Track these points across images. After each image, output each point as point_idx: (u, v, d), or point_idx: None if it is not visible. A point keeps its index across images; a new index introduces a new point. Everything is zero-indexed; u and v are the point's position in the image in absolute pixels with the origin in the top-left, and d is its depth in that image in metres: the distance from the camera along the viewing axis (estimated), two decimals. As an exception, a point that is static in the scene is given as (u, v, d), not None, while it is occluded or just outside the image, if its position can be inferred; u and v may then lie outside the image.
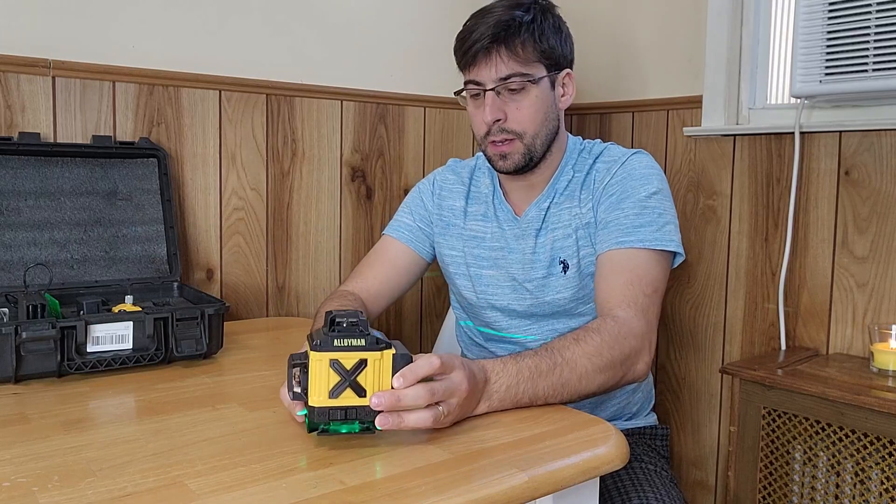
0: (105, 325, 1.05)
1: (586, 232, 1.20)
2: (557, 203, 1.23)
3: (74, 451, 0.76)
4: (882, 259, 1.46)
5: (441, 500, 0.67)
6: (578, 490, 0.82)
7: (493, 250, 1.28)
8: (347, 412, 0.75)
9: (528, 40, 1.15)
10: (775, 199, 1.62)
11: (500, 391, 0.88)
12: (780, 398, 1.35)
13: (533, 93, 1.16)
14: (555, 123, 1.21)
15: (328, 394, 0.75)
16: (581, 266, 1.20)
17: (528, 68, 1.15)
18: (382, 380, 0.76)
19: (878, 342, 1.37)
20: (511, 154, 1.18)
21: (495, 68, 1.15)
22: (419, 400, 0.76)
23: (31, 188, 1.30)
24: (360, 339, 0.76)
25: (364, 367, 0.75)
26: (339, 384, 0.75)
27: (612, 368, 0.98)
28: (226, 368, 1.10)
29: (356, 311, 0.79)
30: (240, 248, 1.59)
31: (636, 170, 1.18)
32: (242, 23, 1.56)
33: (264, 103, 1.60)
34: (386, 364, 0.76)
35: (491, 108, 1.16)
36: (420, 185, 1.39)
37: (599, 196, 1.19)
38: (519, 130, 1.17)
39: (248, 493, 0.67)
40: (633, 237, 1.12)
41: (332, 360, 0.75)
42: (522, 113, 1.16)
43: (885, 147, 1.44)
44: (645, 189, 1.15)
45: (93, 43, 1.39)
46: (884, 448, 1.24)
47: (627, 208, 1.14)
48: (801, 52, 1.49)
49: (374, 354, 0.76)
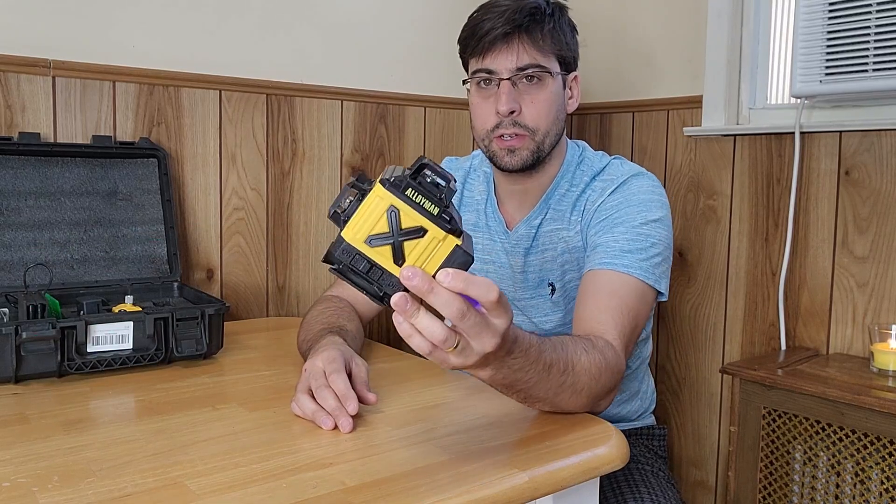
0: (105, 325, 1.05)
1: (572, 256, 1.15)
2: (550, 220, 1.18)
3: (74, 451, 0.76)
4: (882, 259, 1.46)
5: (441, 500, 0.67)
6: (578, 490, 0.82)
7: (485, 263, 1.25)
8: (372, 270, 0.64)
9: (550, 32, 1.10)
10: (775, 199, 1.62)
11: (512, 367, 0.74)
12: (781, 398, 1.35)
13: (550, 87, 1.11)
14: (561, 125, 1.17)
15: (366, 237, 0.63)
16: (566, 290, 1.16)
17: (547, 61, 1.11)
18: (429, 262, 0.64)
19: (878, 342, 1.37)
20: (520, 150, 1.12)
21: (516, 56, 1.09)
22: (449, 308, 0.62)
23: (31, 188, 1.30)
24: (435, 206, 0.63)
25: (420, 236, 0.63)
26: (383, 235, 0.63)
27: (597, 397, 0.90)
28: (226, 368, 1.10)
29: (452, 176, 0.65)
30: (240, 248, 1.59)
31: (635, 195, 1.11)
32: (242, 23, 1.56)
33: (264, 103, 1.60)
34: (443, 250, 0.64)
35: (507, 97, 1.09)
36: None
37: (590, 219, 1.13)
38: (532, 125, 1.11)
39: (248, 493, 0.67)
40: (620, 261, 1.04)
41: (391, 207, 0.63)
42: (538, 107, 1.11)
43: (885, 147, 1.44)
44: (642, 216, 1.08)
45: (93, 43, 1.39)
46: (884, 448, 1.24)
47: (619, 233, 1.07)
48: (801, 52, 1.49)
49: (437, 231, 0.63)
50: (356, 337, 1.10)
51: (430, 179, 0.64)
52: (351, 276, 0.65)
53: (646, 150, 1.87)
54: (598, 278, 1.05)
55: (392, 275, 0.64)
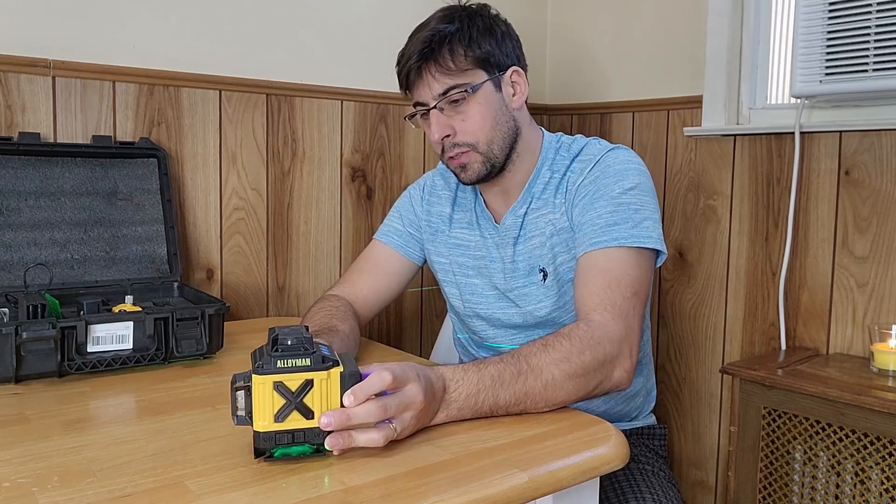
0: (105, 325, 1.05)
1: (561, 238, 1.16)
2: (534, 209, 1.19)
3: (74, 451, 0.76)
4: (882, 259, 1.46)
5: (441, 500, 0.67)
6: (578, 490, 0.82)
7: (477, 259, 1.26)
8: (295, 436, 0.72)
9: (455, 50, 1.11)
10: (775, 199, 1.62)
11: (458, 400, 0.84)
12: (781, 398, 1.35)
13: (475, 101, 1.13)
14: (510, 125, 1.17)
15: (273, 417, 0.71)
16: (559, 273, 1.17)
17: (463, 78, 1.12)
18: (331, 400, 0.72)
19: (878, 342, 1.37)
20: (470, 164, 1.15)
21: (429, 87, 1.12)
22: (371, 417, 0.73)
23: (31, 188, 1.30)
24: (305, 358, 0.72)
25: (311, 387, 0.72)
26: (284, 407, 0.71)
27: (584, 375, 0.92)
28: (226, 368, 1.10)
29: (301, 328, 0.75)
30: (240, 248, 1.59)
31: (610, 166, 1.13)
32: (242, 23, 1.56)
33: (264, 103, 1.60)
34: (334, 383, 0.72)
35: (437, 125, 1.13)
36: (410, 190, 1.37)
37: (573, 198, 1.14)
38: (471, 141, 1.14)
39: (248, 493, 0.67)
40: (607, 236, 1.06)
41: (275, 383, 0.71)
42: (469, 123, 1.13)
43: (885, 147, 1.44)
44: (619, 185, 1.10)
45: (93, 43, 1.39)
46: (884, 448, 1.24)
47: (600, 207, 1.09)
48: (802, 52, 1.49)
49: (320, 374, 0.72)
50: (348, 337, 1.11)
51: (288, 342, 0.73)
52: (287, 451, 0.73)
53: (646, 150, 1.87)
54: (589, 261, 1.07)
55: (311, 429, 0.72)
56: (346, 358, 0.76)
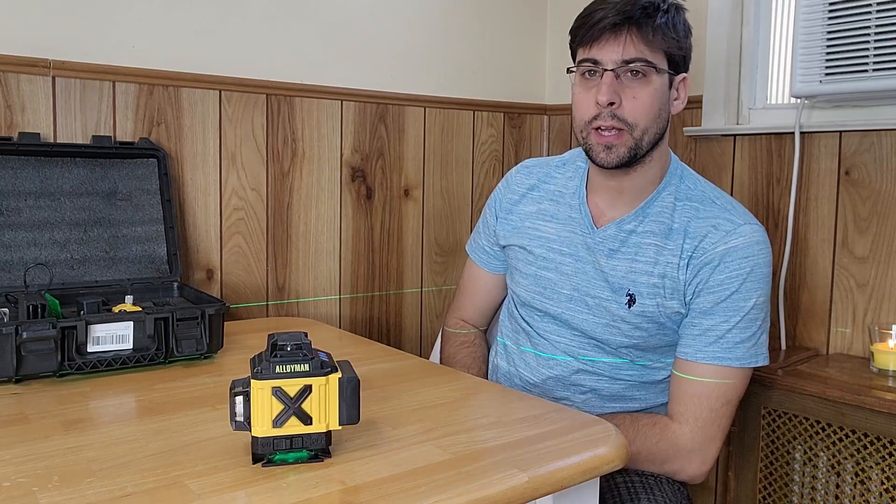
0: (105, 325, 1.05)
1: (664, 282, 1.13)
2: (642, 232, 1.16)
3: (74, 451, 0.76)
4: (882, 259, 1.46)
5: (441, 500, 0.67)
6: (578, 490, 0.82)
7: (561, 254, 1.22)
8: (293, 441, 0.73)
9: (661, 28, 1.08)
10: (775, 199, 1.62)
11: None
12: (780, 398, 1.35)
13: (654, 83, 1.09)
14: (663, 125, 1.13)
15: (272, 423, 0.72)
16: (646, 314, 1.14)
17: (655, 56, 1.08)
18: (329, 406, 0.73)
19: (878, 342, 1.37)
20: (617, 146, 1.10)
21: (622, 48, 1.07)
22: None
23: (31, 188, 1.30)
24: (303, 363, 0.72)
25: (309, 393, 0.72)
26: (283, 412, 0.72)
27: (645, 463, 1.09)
28: (226, 368, 1.10)
29: (300, 334, 0.75)
30: (240, 248, 1.59)
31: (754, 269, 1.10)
32: (242, 23, 1.56)
33: (264, 103, 1.60)
34: (332, 389, 0.73)
35: (608, 88, 1.07)
36: (492, 195, 1.37)
37: (698, 270, 1.11)
38: (631, 120, 1.09)
39: (248, 493, 0.67)
40: (729, 354, 1.09)
41: (274, 388, 0.72)
42: (639, 102, 1.09)
43: (885, 147, 1.44)
44: (754, 298, 1.10)
45: (93, 43, 1.39)
46: (884, 448, 1.24)
47: (730, 318, 1.09)
48: (801, 52, 1.49)
49: (319, 380, 0.72)
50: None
51: (287, 347, 0.73)
52: (284, 456, 0.73)
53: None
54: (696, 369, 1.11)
55: (311, 434, 0.73)
56: (345, 365, 0.77)
